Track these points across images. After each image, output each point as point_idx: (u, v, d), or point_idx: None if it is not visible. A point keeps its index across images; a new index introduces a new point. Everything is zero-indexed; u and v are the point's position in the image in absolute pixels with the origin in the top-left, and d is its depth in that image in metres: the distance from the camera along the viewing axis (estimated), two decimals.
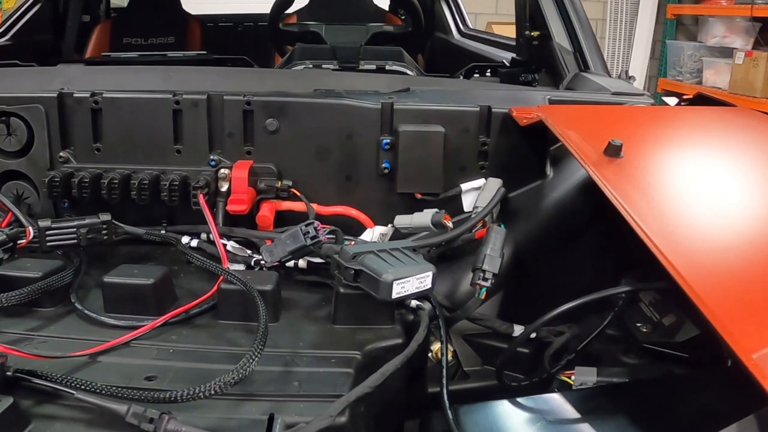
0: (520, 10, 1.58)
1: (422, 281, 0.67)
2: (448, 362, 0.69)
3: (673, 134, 0.87)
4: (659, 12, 4.86)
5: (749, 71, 3.90)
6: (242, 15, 3.06)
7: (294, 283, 0.79)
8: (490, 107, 0.92)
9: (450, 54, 2.36)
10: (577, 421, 0.58)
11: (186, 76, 1.08)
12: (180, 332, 0.67)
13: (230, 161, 0.90)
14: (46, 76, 1.06)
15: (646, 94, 1.08)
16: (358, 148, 0.92)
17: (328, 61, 1.69)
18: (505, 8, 4.45)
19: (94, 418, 0.53)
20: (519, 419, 0.58)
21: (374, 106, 0.91)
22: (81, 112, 0.91)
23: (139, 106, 0.91)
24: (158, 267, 0.72)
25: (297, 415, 0.54)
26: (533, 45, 1.48)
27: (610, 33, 4.91)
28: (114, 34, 2.52)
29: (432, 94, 1.00)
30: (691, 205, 0.67)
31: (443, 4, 2.56)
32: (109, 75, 1.14)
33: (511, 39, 1.82)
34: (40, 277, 0.69)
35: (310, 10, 2.55)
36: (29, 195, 0.91)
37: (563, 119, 0.83)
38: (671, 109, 1.09)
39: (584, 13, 1.39)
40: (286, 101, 0.91)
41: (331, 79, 1.20)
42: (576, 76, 1.24)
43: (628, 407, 0.56)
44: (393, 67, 1.68)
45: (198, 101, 0.90)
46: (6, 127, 0.90)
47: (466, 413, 0.59)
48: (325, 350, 0.64)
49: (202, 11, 2.95)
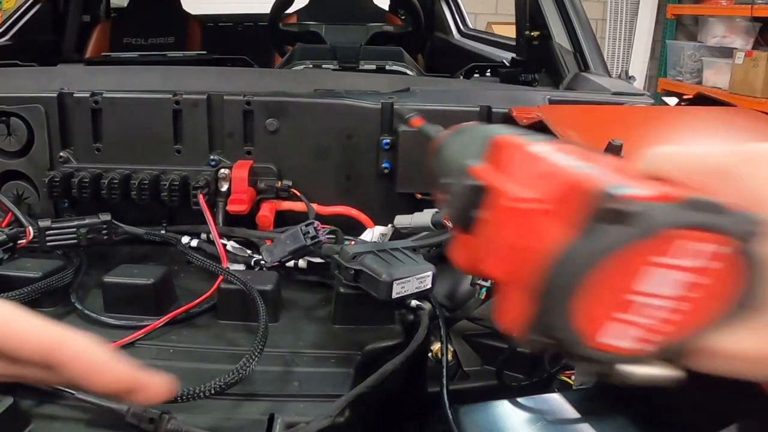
0: (520, 10, 1.58)
1: (422, 281, 0.67)
2: (448, 362, 0.69)
3: (673, 134, 0.87)
4: (659, 12, 4.87)
5: (749, 71, 3.90)
6: (242, 15, 3.06)
7: (294, 283, 0.79)
8: (490, 107, 0.92)
9: (450, 54, 2.36)
10: (577, 421, 0.58)
11: (186, 76, 1.08)
12: (180, 332, 0.67)
13: (230, 161, 0.90)
14: (46, 76, 1.06)
15: (646, 94, 1.08)
16: (358, 148, 0.92)
17: (328, 61, 1.69)
18: (505, 8, 4.45)
19: (94, 418, 0.53)
20: (519, 419, 0.58)
21: (374, 106, 0.91)
22: (81, 112, 0.90)
23: (139, 106, 0.91)
24: (158, 267, 0.72)
25: (297, 415, 0.54)
26: (533, 45, 1.48)
27: (610, 33, 4.91)
28: (114, 34, 2.53)
29: (432, 94, 1.00)
30: None
31: (443, 4, 2.56)
32: (109, 75, 1.14)
33: (511, 39, 1.82)
34: (40, 277, 0.69)
35: (310, 10, 2.56)
36: (29, 195, 0.91)
37: (563, 119, 0.83)
38: (671, 109, 1.09)
39: (584, 13, 1.40)
40: (286, 101, 0.91)
41: (331, 79, 1.20)
42: (576, 76, 1.24)
43: (628, 407, 0.56)
44: (393, 67, 1.68)
45: (198, 101, 0.90)
46: (6, 127, 0.90)
47: (466, 413, 0.59)
48: (325, 350, 0.64)
49: (202, 11, 2.95)
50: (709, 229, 0.22)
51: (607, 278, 0.22)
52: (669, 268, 0.22)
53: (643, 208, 0.22)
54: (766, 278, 0.25)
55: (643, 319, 0.23)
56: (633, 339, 0.24)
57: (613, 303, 0.23)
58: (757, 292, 0.24)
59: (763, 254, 0.24)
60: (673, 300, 0.23)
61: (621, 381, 0.25)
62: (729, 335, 0.25)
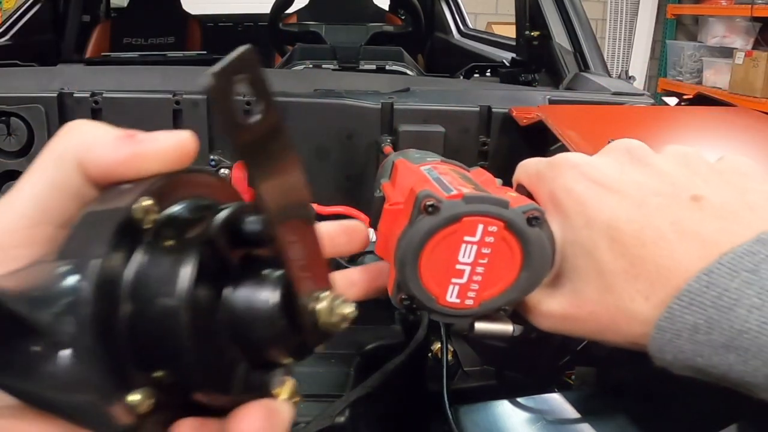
0: (520, 10, 1.58)
1: None
2: (448, 362, 0.69)
3: (673, 134, 0.87)
4: (659, 12, 4.87)
5: (749, 71, 3.90)
6: (242, 15, 3.06)
7: None
8: (490, 107, 0.92)
9: (450, 54, 2.36)
10: (577, 421, 0.58)
11: (186, 76, 1.08)
12: None
13: (230, 161, 0.90)
14: (46, 76, 1.06)
15: (646, 94, 1.08)
16: (358, 148, 0.92)
17: (328, 61, 1.69)
18: (505, 8, 4.45)
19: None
20: (519, 419, 0.58)
21: (374, 106, 0.91)
22: (81, 112, 0.90)
23: (139, 106, 0.91)
24: None
25: (297, 415, 0.54)
26: (533, 45, 1.48)
27: (610, 33, 4.91)
28: (114, 34, 2.53)
29: (432, 94, 1.00)
30: None
31: (443, 4, 2.56)
32: (109, 75, 1.14)
33: (511, 39, 1.82)
34: None
35: (310, 10, 2.56)
36: None
37: (563, 119, 0.83)
38: (671, 109, 1.09)
39: (584, 13, 1.40)
40: (286, 101, 0.91)
41: (331, 79, 1.20)
42: (576, 76, 1.24)
43: (628, 407, 0.56)
44: (393, 67, 1.68)
45: (198, 101, 0.90)
46: (6, 127, 0.90)
47: (466, 413, 0.59)
48: (325, 350, 0.64)
49: (202, 11, 2.95)
50: (488, 215, 0.31)
51: (438, 252, 0.32)
52: (474, 244, 0.32)
53: (442, 203, 0.31)
54: (563, 253, 0.34)
55: (468, 282, 0.33)
56: (465, 297, 0.33)
57: (448, 271, 0.32)
58: (534, 261, 0.32)
59: (533, 233, 0.32)
60: (481, 266, 0.32)
61: (470, 334, 0.36)
62: (545, 299, 0.35)
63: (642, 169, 0.34)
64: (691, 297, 0.29)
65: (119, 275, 0.22)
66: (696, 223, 0.30)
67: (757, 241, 0.29)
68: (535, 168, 0.38)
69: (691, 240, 0.30)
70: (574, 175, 0.35)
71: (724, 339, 0.28)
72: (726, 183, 0.33)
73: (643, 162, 0.35)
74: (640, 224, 0.31)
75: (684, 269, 0.29)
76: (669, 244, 0.30)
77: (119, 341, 0.21)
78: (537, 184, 0.37)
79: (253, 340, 0.24)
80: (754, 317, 0.27)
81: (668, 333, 0.29)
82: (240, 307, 0.24)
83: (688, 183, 0.33)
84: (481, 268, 0.32)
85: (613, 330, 0.32)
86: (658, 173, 0.33)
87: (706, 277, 0.29)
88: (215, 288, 0.24)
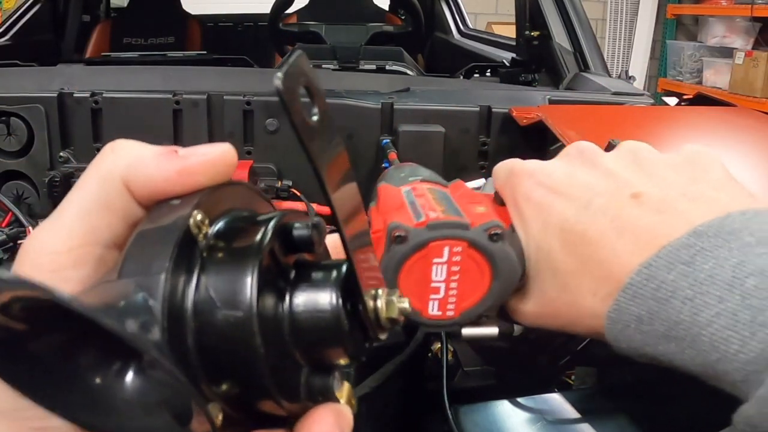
0: (520, 10, 1.58)
1: None
2: (448, 362, 0.69)
3: (673, 134, 0.87)
4: (659, 12, 4.86)
5: (749, 71, 3.90)
6: (242, 15, 3.05)
7: None
8: (490, 107, 0.92)
9: (450, 54, 2.36)
10: (577, 421, 0.58)
11: (186, 76, 1.08)
12: None
13: None
14: (46, 76, 1.06)
15: (646, 94, 1.08)
16: (358, 148, 0.92)
17: (328, 61, 1.69)
18: (505, 8, 4.45)
19: None
20: (519, 419, 0.58)
21: (374, 106, 0.91)
22: (81, 112, 0.91)
23: (139, 106, 0.91)
24: None
25: None
26: (533, 45, 1.48)
27: (610, 33, 4.91)
28: (114, 34, 2.52)
29: (432, 94, 1.00)
30: None
31: (443, 4, 2.56)
32: (109, 75, 1.14)
33: (511, 39, 1.82)
34: None
35: (310, 10, 2.56)
36: (29, 195, 0.91)
37: (563, 119, 0.83)
38: (671, 109, 1.09)
39: (584, 13, 1.40)
40: None
41: (331, 79, 1.20)
42: (576, 76, 1.24)
43: (628, 407, 0.56)
44: (393, 67, 1.68)
45: (198, 101, 0.90)
46: (6, 127, 0.90)
47: (466, 413, 0.59)
48: None
49: (202, 11, 2.95)
50: (451, 238, 0.35)
51: (414, 274, 0.35)
52: (444, 264, 0.35)
53: (409, 232, 0.35)
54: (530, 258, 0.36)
55: (446, 296, 0.36)
56: (446, 310, 0.36)
57: (425, 289, 0.36)
58: (503, 271, 0.35)
59: (496, 247, 0.35)
60: (454, 281, 0.36)
61: (462, 338, 0.41)
62: (521, 300, 0.38)
63: (590, 170, 0.36)
64: (634, 290, 0.30)
65: (185, 291, 0.22)
66: (634, 219, 0.32)
67: (693, 233, 0.29)
68: (504, 176, 0.40)
69: (629, 235, 0.31)
70: (530, 183, 0.37)
71: (663, 329, 0.29)
72: (674, 176, 0.34)
73: (592, 163, 0.36)
74: (585, 225, 0.33)
75: (625, 264, 0.31)
76: (610, 241, 0.32)
77: (190, 358, 0.21)
78: (504, 193, 0.40)
79: (315, 343, 0.24)
80: (687, 308, 0.28)
81: (619, 324, 0.31)
82: (301, 312, 0.24)
83: (631, 180, 0.34)
84: (455, 283, 0.36)
85: (577, 324, 0.34)
86: (605, 173, 0.35)
87: (646, 270, 0.30)
88: (276, 295, 0.24)
